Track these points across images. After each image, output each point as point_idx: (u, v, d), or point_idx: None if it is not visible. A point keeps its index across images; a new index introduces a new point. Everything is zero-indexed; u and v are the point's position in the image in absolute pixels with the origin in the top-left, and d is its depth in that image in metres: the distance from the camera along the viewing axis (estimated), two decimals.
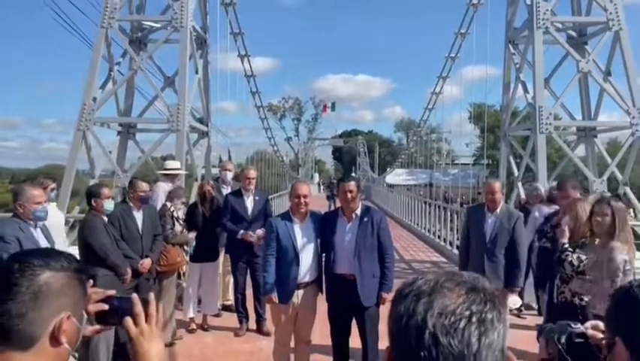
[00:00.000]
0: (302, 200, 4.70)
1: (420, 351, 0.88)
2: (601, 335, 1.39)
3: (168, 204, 6.38)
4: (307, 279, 4.75)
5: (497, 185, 5.39)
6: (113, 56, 12.14)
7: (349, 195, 4.63)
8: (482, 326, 0.89)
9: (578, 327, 1.47)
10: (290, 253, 4.65)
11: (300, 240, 4.69)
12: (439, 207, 15.93)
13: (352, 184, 4.69)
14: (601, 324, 1.40)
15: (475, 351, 0.87)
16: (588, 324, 1.48)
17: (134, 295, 1.37)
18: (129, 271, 5.32)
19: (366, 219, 4.69)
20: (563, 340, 1.44)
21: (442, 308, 0.90)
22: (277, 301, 4.68)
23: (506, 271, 5.17)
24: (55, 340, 1.18)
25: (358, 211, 4.71)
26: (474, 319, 0.89)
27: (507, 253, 5.21)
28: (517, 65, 12.79)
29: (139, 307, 1.35)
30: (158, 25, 12.39)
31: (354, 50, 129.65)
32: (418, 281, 0.97)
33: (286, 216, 4.80)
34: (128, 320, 1.34)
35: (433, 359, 0.87)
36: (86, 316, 1.29)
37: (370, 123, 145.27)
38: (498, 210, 5.31)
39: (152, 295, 1.42)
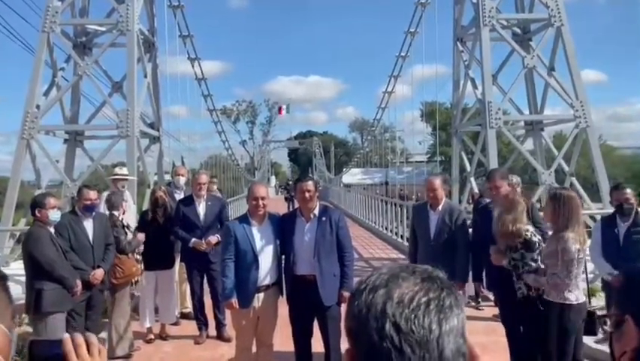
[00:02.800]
0: (260, 202, 4.64)
1: (382, 342, 0.87)
2: None
3: (115, 213, 6.15)
4: (267, 282, 4.69)
5: (437, 182, 5.29)
6: (57, 62, 11.70)
7: (307, 194, 4.61)
8: (441, 313, 0.89)
9: None
10: (249, 256, 4.58)
11: (258, 243, 4.63)
12: (395, 204, 16.11)
13: (310, 184, 4.67)
14: None
15: (437, 337, 0.87)
16: None
17: (65, 336, 1.20)
18: (79, 283, 5.10)
19: (324, 218, 4.67)
20: None
21: (399, 297, 0.89)
22: (237, 306, 4.59)
23: (452, 267, 4.91)
24: None
25: (316, 211, 4.69)
26: (432, 305, 0.89)
27: (452, 249, 5.10)
28: (466, 62, 13.07)
29: (79, 339, 1.19)
30: (102, 29, 12.02)
31: (304, 51, 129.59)
32: (372, 276, 0.96)
33: (244, 219, 4.73)
34: (70, 351, 1.19)
35: (397, 348, 0.86)
36: (15, 333, 1.19)
37: (324, 124, 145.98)
38: (440, 206, 5.23)
39: (92, 336, 1.29)
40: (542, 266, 4.31)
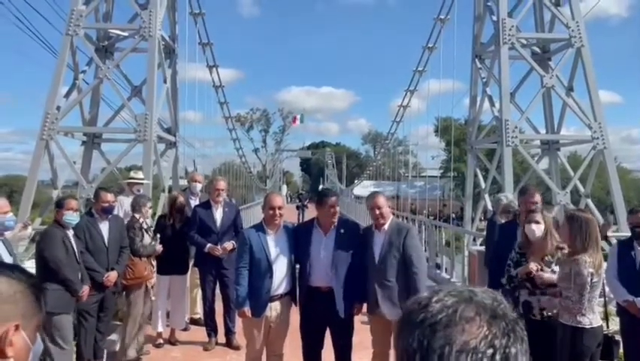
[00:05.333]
0: (277, 212, 4.65)
1: None
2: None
3: (137, 215, 6.22)
4: (280, 291, 4.68)
5: (381, 199, 4.71)
6: (79, 65, 11.86)
7: (332, 210, 4.61)
8: None
9: None
10: (263, 265, 4.58)
11: (273, 252, 4.62)
12: (406, 218, 16.06)
13: (335, 199, 4.68)
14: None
15: None
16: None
17: None
18: (85, 288, 5.08)
19: (343, 230, 4.67)
20: None
21: (461, 346, 0.82)
22: (250, 315, 4.59)
23: (403, 295, 4.41)
24: (0, 350, 1.09)
25: (335, 223, 4.69)
26: (497, 357, 0.82)
27: (402, 274, 4.53)
28: (484, 80, 13.05)
29: None
30: (125, 34, 12.18)
31: (317, 62, 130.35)
32: (433, 305, 0.87)
33: (259, 228, 4.73)
34: None
35: None
36: (41, 342, 1.20)
37: (336, 135, 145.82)
38: (386, 226, 4.65)
39: None
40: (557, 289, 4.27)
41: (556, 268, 4.38)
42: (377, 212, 4.60)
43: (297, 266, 4.80)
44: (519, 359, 0.84)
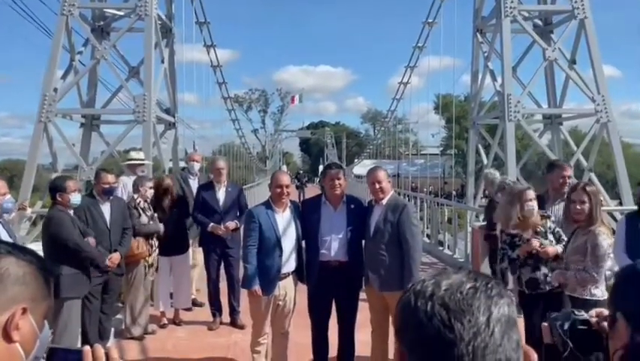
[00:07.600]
0: (284, 190, 4.64)
1: (431, 321, 0.88)
2: (604, 323, 1.40)
3: (135, 195, 6.18)
4: (289, 269, 4.68)
5: (382, 174, 4.63)
6: (75, 46, 11.69)
7: (337, 182, 4.60)
8: (490, 299, 0.90)
9: (582, 314, 1.50)
10: (272, 243, 4.56)
11: (282, 229, 4.62)
12: (408, 196, 16.05)
13: (340, 172, 4.69)
14: (605, 311, 1.42)
15: (488, 319, 0.88)
16: (593, 312, 1.50)
17: (86, 348, 1.14)
18: (114, 258, 5.20)
19: (353, 206, 4.68)
20: (566, 326, 1.45)
21: (447, 285, 0.92)
22: (261, 294, 4.57)
23: (394, 270, 4.44)
24: (6, 334, 1.04)
25: (344, 199, 4.69)
26: (479, 292, 0.91)
27: (395, 251, 4.48)
28: (486, 54, 12.89)
29: (100, 352, 1.13)
30: (121, 13, 11.96)
31: (314, 41, 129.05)
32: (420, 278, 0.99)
33: (268, 206, 4.70)
34: None
35: (446, 325, 0.87)
36: (48, 328, 1.14)
37: (334, 114, 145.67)
38: (385, 201, 4.58)
39: (114, 350, 1.19)
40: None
41: (551, 238, 4.37)
42: (377, 186, 4.56)
43: (304, 242, 4.79)
44: (503, 298, 0.91)
